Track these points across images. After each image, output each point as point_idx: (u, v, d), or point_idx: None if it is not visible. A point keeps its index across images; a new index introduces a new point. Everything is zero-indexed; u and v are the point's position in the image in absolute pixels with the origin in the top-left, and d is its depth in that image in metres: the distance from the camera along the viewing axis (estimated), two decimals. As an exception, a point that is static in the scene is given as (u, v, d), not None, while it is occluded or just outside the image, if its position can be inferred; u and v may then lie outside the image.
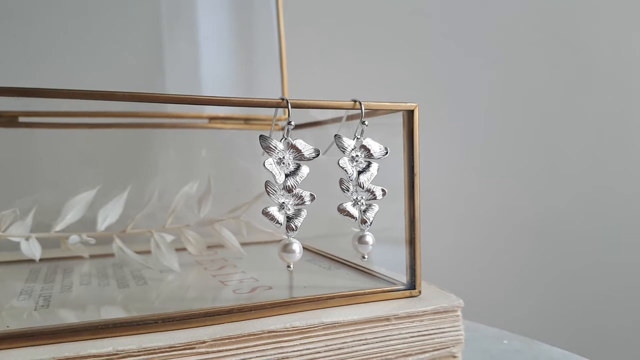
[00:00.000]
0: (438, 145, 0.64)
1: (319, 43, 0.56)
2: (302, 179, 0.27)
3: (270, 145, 0.27)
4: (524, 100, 0.69)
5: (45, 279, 0.35)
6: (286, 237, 0.28)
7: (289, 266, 0.28)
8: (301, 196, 0.28)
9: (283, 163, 0.27)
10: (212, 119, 0.46)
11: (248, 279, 0.34)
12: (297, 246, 0.27)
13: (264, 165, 0.27)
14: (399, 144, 0.31)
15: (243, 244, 0.39)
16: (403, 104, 0.30)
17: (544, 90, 0.70)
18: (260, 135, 0.27)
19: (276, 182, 0.27)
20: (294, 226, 0.27)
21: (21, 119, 0.40)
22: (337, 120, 0.36)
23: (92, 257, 0.39)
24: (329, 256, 0.40)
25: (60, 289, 0.32)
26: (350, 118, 0.35)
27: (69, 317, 0.27)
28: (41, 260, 0.39)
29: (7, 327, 0.24)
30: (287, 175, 0.27)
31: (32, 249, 0.34)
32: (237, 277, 0.35)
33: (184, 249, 0.39)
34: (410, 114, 0.30)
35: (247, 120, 0.46)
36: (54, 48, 0.45)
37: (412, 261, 0.31)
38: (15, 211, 0.34)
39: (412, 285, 0.31)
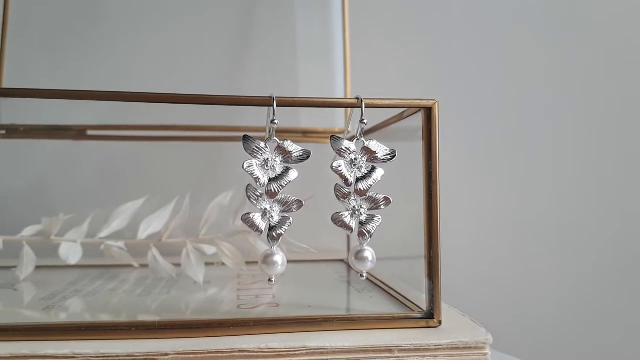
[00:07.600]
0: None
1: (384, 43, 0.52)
2: (287, 184, 0.25)
3: (254, 147, 0.25)
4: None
5: (85, 283, 0.36)
6: (269, 248, 0.25)
7: (270, 280, 0.25)
8: (287, 202, 0.25)
9: (267, 165, 0.25)
10: (269, 132, 0.45)
11: (267, 295, 0.32)
12: (279, 258, 0.25)
13: (243, 167, 0.25)
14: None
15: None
16: (418, 100, 0.26)
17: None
18: (244, 136, 0.25)
19: (258, 185, 0.25)
20: (275, 235, 0.25)
21: (89, 132, 0.42)
22: (395, 120, 0.31)
23: (142, 266, 0.40)
24: (370, 279, 0.36)
25: (87, 294, 0.33)
26: (392, 121, 0.32)
27: (59, 319, 0.27)
28: (94, 266, 0.40)
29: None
30: (271, 180, 0.25)
31: (68, 254, 0.35)
32: (258, 293, 0.33)
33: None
34: (428, 112, 0.26)
35: (305, 133, 0.44)
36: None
37: (431, 284, 0.26)
38: (58, 218, 0.35)
39: (430, 313, 0.26)
